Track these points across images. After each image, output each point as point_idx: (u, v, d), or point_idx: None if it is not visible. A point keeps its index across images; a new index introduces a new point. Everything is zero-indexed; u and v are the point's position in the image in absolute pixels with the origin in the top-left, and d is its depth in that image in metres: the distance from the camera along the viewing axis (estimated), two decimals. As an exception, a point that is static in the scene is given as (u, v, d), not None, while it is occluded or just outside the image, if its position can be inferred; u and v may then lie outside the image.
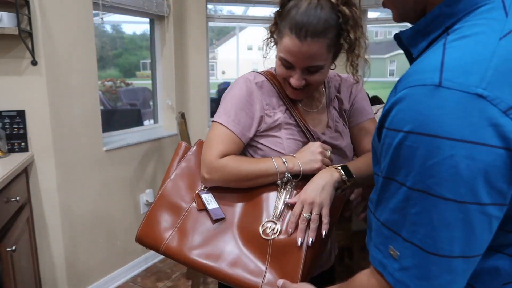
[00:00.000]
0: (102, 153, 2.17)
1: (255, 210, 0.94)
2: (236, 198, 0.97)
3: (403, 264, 0.51)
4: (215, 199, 0.97)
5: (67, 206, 1.99)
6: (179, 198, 0.98)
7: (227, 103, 0.97)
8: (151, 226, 0.97)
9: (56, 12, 1.85)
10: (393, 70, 17.80)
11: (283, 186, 0.94)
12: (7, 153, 1.78)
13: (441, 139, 0.45)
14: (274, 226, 0.90)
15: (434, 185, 0.46)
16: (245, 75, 1.00)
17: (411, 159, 0.48)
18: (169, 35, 2.61)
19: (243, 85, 0.97)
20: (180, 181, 1.00)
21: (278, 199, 0.94)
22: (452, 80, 0.46)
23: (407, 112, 0.48)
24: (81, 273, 2.12)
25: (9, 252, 1.43)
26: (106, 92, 5.29)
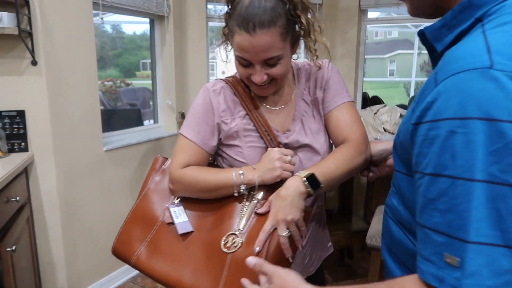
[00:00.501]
0: (102, 153, 2.17)
1: (221, 222, 0.92)
2: (207, 210, 0.96)
3: (469, 269, 0.44)
4: (186, 212, 0.97)
5: (67, 206, 1.99)
6: (152, 211, 0.99)
7: (189, 115, 0.99)
8: (124, 239, 1.01)
9: (56, 12, 1.85)
10: (393, 70, 17.80)
11: (250, 197, 0.92)
12: (7, 153, 1.78)
13: (503, 122, 0.41)
14: (235, 240, 0.89)
15: (499, 173, 0.42)
16: (207, 84, 1.00)
17: (466, 148, 0.43)
18: (169, 35, 2.61)
19: (202, 94, 0.98)
20: (154, 195, 1.01)
21: (242, 211, 0.92)
22: (504, 63, 0.43)
23: (456, 98, 0.44)
24: (81, 273, 2.12)
25: (9, 252, 1.43)
26: (106, 92, 5.29)
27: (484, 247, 0.43)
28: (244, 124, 0.96)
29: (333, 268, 2.54)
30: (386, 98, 4.39)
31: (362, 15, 3.10)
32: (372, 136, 2.25)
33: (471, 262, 0.44)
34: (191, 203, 0.98)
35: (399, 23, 3.39)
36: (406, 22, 3.31)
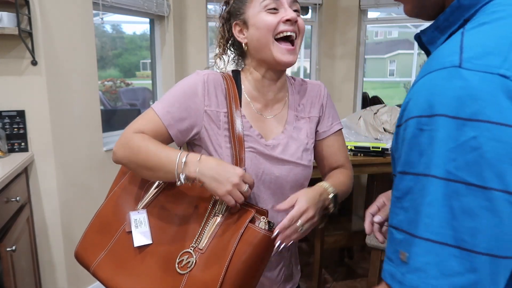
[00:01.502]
0: (102, 153, 2.17)
1: (183, 235, 0.84)
2: (171, 219, 0.87)
3: (413, 264, 0.43)
4: (149, 220, 0.88)
5: (67, 206, 1.99)
6: (115, 217, 0.92)
7: (168, 93, 0.90)
8: (86, 245, 0.96)
9: (56, 12, 1.85)
10: (393, 70, 17.80)
11: (214, 211, 0.84)
12: (7, 153, 1.78)
13: (463, 120, 0.42)
14: (190, 259, 0.81)
15: (455, 170, 0.42)
16: (199, 70, 0.95)
17: (429, 145, 0.43)
18: (169, 35, 2.61)
19: (192, 77, 0.92)
20: (120, 199, 0.94)
21: (203, 225, 0.84)
22: (473, 62, 0.43)
23: (425, 97, 0.45)
24: (81, 273, 2.12)
25: (9, 252, 1.43)
26: (106, 92, 5.29)
27: (434, 245, 0.42)
28: (223, 122, 0.91)
29: (333, 268, 2.54)
30: (386, 98, 4.39)
31: (362, 15, 3.10)
32: (372, 136, 2.25)
33: (416, 258, 0.43)
34: (156, 210, 0.89)
35: (399, 23, 3.39)
36: (406, 22, 3.31)
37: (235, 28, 0.94)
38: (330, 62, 3.15)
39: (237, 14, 0.93)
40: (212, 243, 0.81)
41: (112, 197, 0.95)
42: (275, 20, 0.88)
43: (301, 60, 3.90)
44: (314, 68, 3.21)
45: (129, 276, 0.85)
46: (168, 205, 0.89)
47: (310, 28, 3.26)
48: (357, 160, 1.95)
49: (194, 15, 2.75)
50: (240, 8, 0.92)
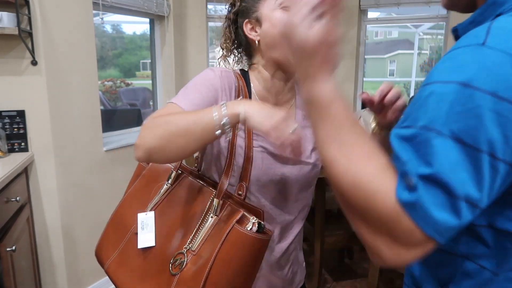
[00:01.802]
0: (102, 153, 2.17)
1: (180, 236, 0.85)
2: (177, 220, 0.87)
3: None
4: (156, 221, 0.88)
5: (67, 206, 1.99)
6: (127, 218, 0.93)
7: (185, 88, 0.86)
8: (103, 243, 0.96)
9: (56, 12, 1.85)
10: (393, 70, 17.80)
11: (209, 212, 0.83)
12: (7, 153, 1.78)
13: (473, 89, 0.46)
14: (182, 260, 0.80)
15: (457, 130, 0.46)
16: (211, 67, 0.93)
17: (439, 105, 0.47)
18: (169, 35, 2.61)
19: (207, 72, 0.89)
20: (133, 200, 0.95)
21: (198, 226, 0.83)
22: (496, 42, 0.47)
23: (443, 67, 0.49)
24: (81, 273, 2.12)
25: (9, 252, 1.43)
26: (106, 92, 5.29)
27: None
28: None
29: (333, 268, 2.54)
30: (386, 98, 4.38)
31: (362, 15, 3.10)
32: (372, 136, 2.25)
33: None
34: (163, 211, 0.89)
35: (399, 23, 3.39)
36: (406, 22, 3.31)
37: (246, 26, 0.93)
38: (330, 62, 3.15)
39: (249, 12, 0.92)
40: (204, 245, 0.80)
41: (127, 198, 0.96)
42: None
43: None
44: (314, 68, 3.21)
45: (133, 278, 0.86)
46: (173, 207, 0.89)
47: (310, 28, 3.26)
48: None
49: (194, 15, 2.75)
50: (252, 6, 0.92)
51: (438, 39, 3.16)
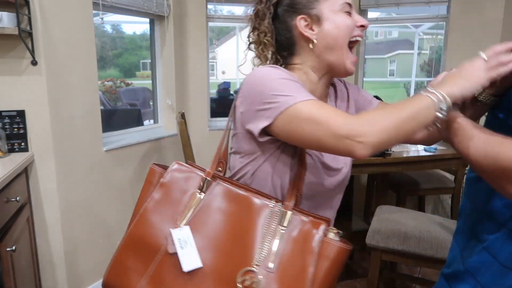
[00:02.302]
0: (102, 153, 2.17)
1: (236, 253, 0.75)
2: (220, 231, 0.77)
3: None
4: (194, 236, 0.77)
5: (67, 206, 1.99)
6: (152, 237, 0.79)
7: (282, 85, 0.75)
8: (118, 272, 0.81)
9: (56, 12, 1.85)
10: (393, 70, 17.78)
11: (272, 224, 0.76)
12: (7, 153, 1.78)
13: None
14: (254, 278, 0.72)
15: None
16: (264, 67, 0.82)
17: None
18: (169, 35, 2.61)
19: (275, 68, 0.80)
20: (154, 216, 0.81)
21: (264, 235, 0.75)
22: None
23: None
24: (81, 273, 2.12)
25: (9, 252, 1.43)
26: (106, 92, 5.29)
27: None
28: None
29: (333, 268, 2.54)
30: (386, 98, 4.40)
31: (362, 15, 3.10)
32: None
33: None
34: (199, 226, 0.78)
35: (399, 23, 3.39)
36: (406, 22, 3.31)
37: (299, 21, 0.85)
38: (330, 62, 3.15)
39: (304, 8, 0.85)
40: (282, 261, 0.73)
41: (143, 215, 0.82)
42: (352, 24, 0.85)
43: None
44: (314, 68, 3.21)
45: None
46: (211, 220, 0.79)
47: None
48: (357, 160, 1.95)
49: (194, 15, 2.75)
50: (309, 2, 0.85)
51: (438, 39, 3.16)
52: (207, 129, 2.92)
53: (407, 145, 2.16)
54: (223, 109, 5.06)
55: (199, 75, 2.83)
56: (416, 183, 2.53)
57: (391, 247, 1.69)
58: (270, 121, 0.74)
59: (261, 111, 0.75)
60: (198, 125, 2.88)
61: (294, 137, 0.73)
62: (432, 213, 3.06)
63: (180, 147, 2.16)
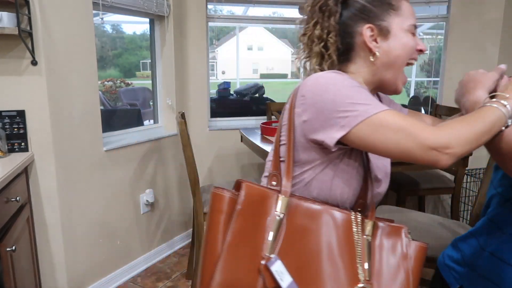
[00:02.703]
0: (102, 153, 2.17)
1: (337, 269, 0.72)
2: (305, 259, 0.72)
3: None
4: (284, 263, 0.71)
5: (67, 206, 1.99)
6: (243, 273, 0.70)
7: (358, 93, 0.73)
8: None
9: (56, 12, 1.85)
10: (393, 70, 17.71)
11: (359, 236, 0.76)
12: (7, 153, 1.78)
13: None
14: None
15: None
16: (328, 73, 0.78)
17: None
18: (169, 35, 2.61)
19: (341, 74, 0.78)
20: (238, 251, 0.71)
21: (355, 248, 0.74)
22: None
23: None
24: (81, 273, 2.12)
25: (9, 252, 1.43)
26: (106, 92, 5.29)
27: None
28: None
29: (333, 268, 2.53)
30: (386, 98, 4.38)
31: (362, 15, 3.10)
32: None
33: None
34: (287, 247, 0.72)
35: (399, 23, 3.39)
36: (406, 22, 3.31)
37: (366, 30, 0.82)
38: (330, 62, 3.15)
39: (374, 17, 0.83)
40: (380, 270, 0.74)
41: (229, 250, 0.71)
42: (415, 45, 0.84)
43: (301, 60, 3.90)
44: (314, 68, 3.21)
45: None
46: (299, 242, 0.74)
47: (310, 28, 3.25)
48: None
49: (194, 15, 2.75)
50: (380, 12, 0.82)
51: (438, 39, 3.17)
52: (207, 129, 2.92)
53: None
54: (223, 109, 5.07)
55: (199, 75, 2.83)
56: (416, 183, 2.53)
57: (391, 247, 1.69)
58: (347, 130, 0.71)
59: (336, 119, 0.72)
60: (198, 125, 2.88)
61: (375, 146, 0.71)
62: (432, 213, 3.06)
63: (180, 147, 2.16)
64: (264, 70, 23.17)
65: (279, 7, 3.29)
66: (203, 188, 2.37)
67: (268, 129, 2.41)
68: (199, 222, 2.06)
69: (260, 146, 2.08)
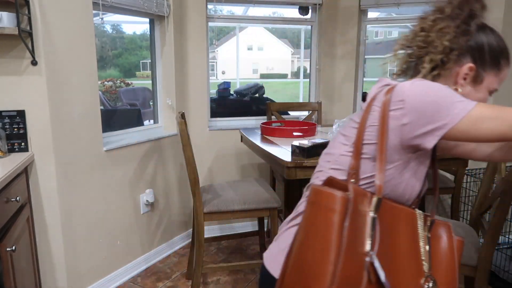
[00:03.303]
0: (102, 153, 2.17)
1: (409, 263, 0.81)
2: (392, 249, 0.79)
3: None
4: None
5: (67, 206, 1.99)
6: (353, 273, 0.73)
7: (452, 93, 0.81)
8: None
9: (56, 12, 1.85)
10: (393, 70, 17.75)
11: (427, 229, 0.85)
12: (7, 153, 1.78)
13: None
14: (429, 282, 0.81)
15: None
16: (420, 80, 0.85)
17: None
18: (169, 35, 2.61)
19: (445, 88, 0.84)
20: (350, 249, 0.74)
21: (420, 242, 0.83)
22: None
23: None
24: (81, 273, 2.12)
25: (9, 252, 1.43)
26: (106, 92, 5.30)
27: None
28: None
29: (333, 268, 2.54)
30: (386, 98, 4.38)
31: (362, 15, 3.10)
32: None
33: None
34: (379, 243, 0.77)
35: (399, 23, 3.39)
36: (406, 22, 3.30)
37: (467, 66, 0.90)
38: (330, 62, 3.15)
39: (483, 63, 0.90)
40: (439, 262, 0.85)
41: (348, 248, 0.73)
42: (486, 100, 0.93)
43: (301, 60, 3.90)
44: (314, 68, 3.21)
45: None
46: (384, 242, 0.78)
47: (310, 28, 3.26)
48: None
49: (194, 15, 2.75)
50: (491, 66, 0.90)
51: (438, 39, 3.13)
52: (207, 129, 2.92)
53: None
54: (223, 109, 5.06)
55: (199, 75, 2.83)
56: (416, 183, 2.52)
57: (391, 247, 1.69)
58: (450, 126, 0.79)
59: (439, 118, 0.79)
60: (198, 125, 2.88)
61: (478, 135, 0.79)
62: (432, 213, 3.06)
63: (180, 147, 2.16)
64: (264, 70, 23.18)
65: (279, 7, 3.30)
66: (203, 188, 2.37)
67: (268, 129, 2.41)
68: (199, 222, 2.06)
69: (260, 146, 2.08)
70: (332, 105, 3.21)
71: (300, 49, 6.17)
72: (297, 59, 12.76)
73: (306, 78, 3.38)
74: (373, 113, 0.85)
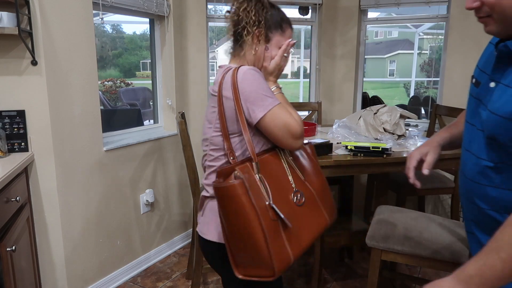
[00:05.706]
0: (102, 153, 2.17)
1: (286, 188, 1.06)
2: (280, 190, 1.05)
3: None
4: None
5: (67, 206, 1.99)
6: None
7: (260, 91, 1.06)
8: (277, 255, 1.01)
9: (56, 12, 1.85)
10: (393, 70, 17.80)
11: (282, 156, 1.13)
12: (7, 153, 1.78)
13: None
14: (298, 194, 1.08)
15: None
16: (243, 67, 1.08)
17: None
18: (169, 35, 2.61)
19: (255, 70, 1.07)
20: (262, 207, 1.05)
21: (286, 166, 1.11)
22: None
23: None
24: (81, 273, 2.12)
25: (9, 252, 1.43)
26: (106, 92, 5.30)
27: None
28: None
29: (333, 268, 2.54)
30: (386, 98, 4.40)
31: (362, 15, 3.10)
32: (372, 136, 2.25)
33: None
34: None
35: (399, 23, 3.40)
36: (406, 22, 3.31)
37: (256, 32, 1.14)
38: (330, 62, 3.15)
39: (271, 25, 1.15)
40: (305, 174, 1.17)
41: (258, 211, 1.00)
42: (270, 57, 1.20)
43: (301, 60, 3.91)
44: (314, 68, 3.21)
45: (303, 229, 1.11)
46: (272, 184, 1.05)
47: (310, 28, 3.26)
48: (357, 160, 1.94)
49: (194, 15, 2.75)
50: (271, 26, 1.15)
51: (438, 39, 3.16)
52: (207, 129, 2.92)
53: (407, 145, 2.16)
54: (223, 109, 5.05)
55: (199, 75, 2.83)
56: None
57: (391, 247, 1.69)
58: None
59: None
60: (198, 125, 2.88)
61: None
62: (432, 213, 3.06)
63: (180, 147, 2.16)
64: (264, 70, 23.07)
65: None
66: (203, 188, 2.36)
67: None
68: (199, 222, 2.06)
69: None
70: (332, 105, 3.21)
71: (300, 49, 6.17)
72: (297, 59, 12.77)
73: (306, 78, 3.38)
74: (228, 100, 1.06)
